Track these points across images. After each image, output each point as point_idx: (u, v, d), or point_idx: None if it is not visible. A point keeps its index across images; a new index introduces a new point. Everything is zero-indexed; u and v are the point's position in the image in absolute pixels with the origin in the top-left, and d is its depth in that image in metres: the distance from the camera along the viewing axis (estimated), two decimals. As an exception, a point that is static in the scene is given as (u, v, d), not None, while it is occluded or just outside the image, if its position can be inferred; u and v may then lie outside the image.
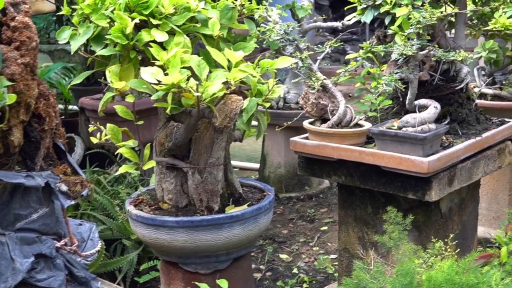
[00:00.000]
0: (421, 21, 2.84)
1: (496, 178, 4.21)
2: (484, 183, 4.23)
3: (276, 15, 4.24)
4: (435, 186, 2.91)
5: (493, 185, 4.23)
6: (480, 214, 4.23)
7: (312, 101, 3.19)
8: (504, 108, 3.97)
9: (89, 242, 2.31)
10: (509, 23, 3.76)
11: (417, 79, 3.00)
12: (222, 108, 2.62)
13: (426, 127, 2.93)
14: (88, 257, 2.22)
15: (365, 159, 3.03)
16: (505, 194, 4.18)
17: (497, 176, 4.20)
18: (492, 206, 4.24)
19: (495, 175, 4.20)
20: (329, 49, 3.32)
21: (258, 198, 2.89)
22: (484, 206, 4.26)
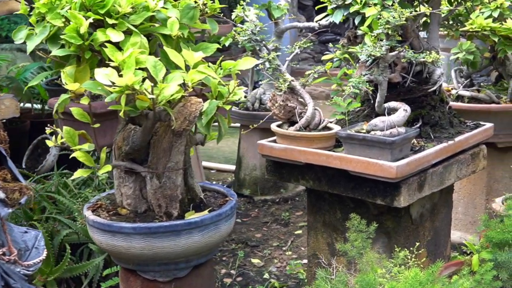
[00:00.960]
0: (390, 21, 2.75)
1: (473, 182, 4.13)
2: (461, 187, 4.16)
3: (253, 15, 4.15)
4: (404, 192, 2.83)
5: (470, 189, 4.15)
6: (456, 218, 4.17)
7: (280, 103, 3.10)
8: (481, 111, 3.89)
9: (33, 250, 2.21)
10: (486, 24, 3.68)
11: (387, 81, 2.92)
12: (181, 110, 2.52)
13: (395, 131, 2.84)
14: (30, 266, 2.11)
15: (332, 163, 2.94)
16: (482, 199, 4.10)
17: (474, 180, 4.12)
18: (469, 210, 4.15)
19: (472, 179, 4.11)
20: (298, 49, 3.23)
21: (220, 203, 2.79)
22: (461, 211, 4.18)
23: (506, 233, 2.93)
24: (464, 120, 3.40)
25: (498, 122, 3.87)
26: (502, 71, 4.07)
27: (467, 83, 4.13)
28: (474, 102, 4.00)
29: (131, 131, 2.59)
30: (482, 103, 3.97)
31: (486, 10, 3.75)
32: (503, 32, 3.68)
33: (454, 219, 4.18)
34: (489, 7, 3.74)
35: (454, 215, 4.19)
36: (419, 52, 3.23)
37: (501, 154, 4.04)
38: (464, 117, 3.85)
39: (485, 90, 4.02)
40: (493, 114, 3.88)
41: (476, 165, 3.29)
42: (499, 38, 3.72)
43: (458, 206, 4.18)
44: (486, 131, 3.34)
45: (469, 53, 3.89)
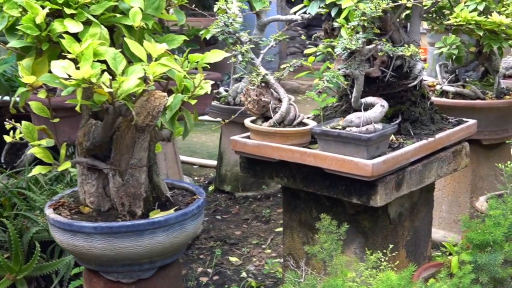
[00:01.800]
0: (366, 12, 2.63)
1: (458, 180, 4.02)
2: (445, 185, 4.05)
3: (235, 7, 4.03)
4: (380, 191, 2.71)
5: (454, 187, 4.04)
6: (440, 217, 4.06)
7: (253, 97, 2.98)
8: (465, 107, 3.78)
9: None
10: (471, 17, 3.56)
11: (363, 75, 2.80)
12: (145, 105, 2.40)
13: (372, 127, 2.72)
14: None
15: (306, 160, 2.83)
16: (467, 197, 3.99)
17: (459, 178, 4.01)
18: (453, 209, 4.04)
19: (456, 177, 4.01)
20: (273, 42, 3.11)
21: (187, 202, 2.67)
22: (445, 209, 4.07)
23: (487, 234, 2.81)
24: (447, 117, 3.29)
25: (483, 119, 3.78)
26: (488, 66, 3.96)
27: (452, 78, 4.02)
28: (458, 98, 3.89)
29: (92, 126, 2.47)
30: (467, 99, 3.86)
31: (471, 3, 3.63)
32: (489, 26, 3.57)
33: (438, 218, 4.08)
34: (475, 0, 3.63)
35: (438, 214, 4.09)
36: (399, 45, 3.12)
37: (486, 151, 3.94)
38: (448, 113, 3.74)
39: (470, 85, 3.91)
40: (477, 110, 3.77)
41: (458, 163, 3.18)
42: (484, 32, 3.61)
43: (442, 205, 4.08)
44: (469, 128, 3.23)
45: (453, 47, 3.78)
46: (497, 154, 3.95)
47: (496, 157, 3.94)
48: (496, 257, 2.78)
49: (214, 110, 4.84)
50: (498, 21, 3.54)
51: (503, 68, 6.02)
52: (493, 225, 2.82)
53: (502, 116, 3.80)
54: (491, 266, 2.76)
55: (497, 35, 3.62)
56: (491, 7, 3.64)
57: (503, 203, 3.02)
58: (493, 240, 2.80)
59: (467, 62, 4.00)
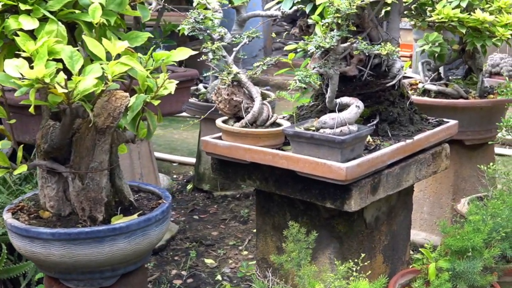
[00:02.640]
0: (340, 9, 2.51)
1: (440, 181, 3.91)
2: (426, 185, 3.95)
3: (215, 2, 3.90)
4: (355, 195, 2.60)
5: (436, 188, 3.93)
6: (422, 219, 3.96)
7: (224, 97, 2.87)
8: (447, 107, 3.67)
9: None
10: (453, 14, 3.45)
11: (338, 74, 2.68)
12: (105, 106, 2.28)
13: (346, 129, 2.61)
14: None
15: (279, 163, 2.71)
16: (449, 198, 3.89)
17: (441, 179, 3.90)
18: (434, 210, 3.94)
19: (438, 178, 3.90)
20: (247, 39, 2.99)
21: (152, 206, 2.56)
22: (426, 211, 3.97)
23: (465, 240, 2.72)
24: (427, 117, 3.18)
25: (465, 118, 3.68)
26: (472, 64, 3.85)
27: (435, 77, 3.91)
28: (441, 96, 3.78)
29: (50, 127, 2.35)
30: (450, 98, 3.75)
31: (454, 0, 3.52)
32: (472, 23, 3.45)
33: (419, 219, 3.98)
34: (457, -4, 3.51)
35: (419, 215, 3.99)
36: (378, 43, 3.01)
37: (469, 151, 3.83)
38: (430, 112, 3.63)
39: (453, 84, 3.80)
40: (460, 110, 3.67)
41: (437, 165, 3.07)
42: (467, 29, 3.50)
43: (423, 206, 3.98)
44: (449, 129, 3.12)
45: (436, 45, 3.67)
46: (480, 155, 3.84)
47: (479, 157, 3.84)
48: (475, 264, 2.69)
49: (192, 107, 4.71)
50: (481, 18, 3.43)
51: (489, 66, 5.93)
52: (472, 231, 2.73)
53: (485, 116, 3.70)
54: (470, 273, 2.67)
55: (481, 32, 3.51)
56: (474, 4, 3.52)
57: (484, 207, 2.93)
58: (472, 246, 2.71)
59: (450, 60, 3.88)
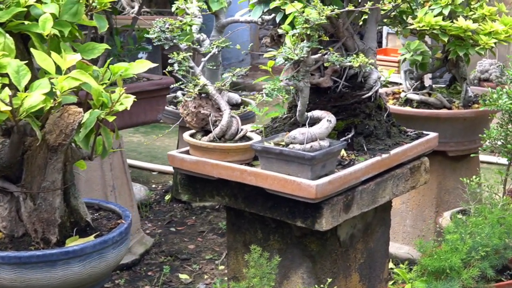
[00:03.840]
0: (310, 19, 2.38)
1: (422, 193, 3.79)
2: (409, 197, 3.83)
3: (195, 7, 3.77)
4: (326, 213, 2.48)
5: (418, 200, 3.81)
6: (404, 232, 3.84)
7: (192, 109, 2.74)
8: (429, 117, 3.54)
9: None
10: (435, 22, 3.33)
11: (309, 87, 2.55)
12: (57, 122, 2.15)
13: (317, 144, 2.48)
14: None
15: (247, 179, 2.58)
16: (432, 211, 3.76)
17: (423, 191, 3.78)
18: (417, 223, 3.81)
19: (421, 190, 3.77)
20: (216, 49, 2.86)
21: (111, 226, 2.43)
22: (409, 223, 3.84)
23: (443, 260, 2.59)
24: (406, 129, 3.05)
25: (448, 129, 3.56)
26: (455, 73, 3.72)
27: (418, 86, 3.78)
28: (423, 106, 3.65)
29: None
30: (432, 108, 3.62)
31: (436, 7, 3.40)
32: (454, 32, 3.34)
33: (402, 232, 3.86)
34: (440, 4, 3.39)
35: (402, 228, 3.87)
36: (353, 53, 2.88)
37: (453, 163, 3.71)
38: (412, 123, 3.52)
39: (436, 93, 3.67)
40: (442, 120, 3.54)
41: (416, 180, 2.94)
42: (449, 38, 3.37)
43: (406, 219, 3.85)
44: (429, 142, 2.99)
45: (417, 53, 3.54)
46: (464, 166, 3.72)
47: (463, 169, 3.71)
48: (452, 286, 2.56)
49: (169, 115, 4.58)
50: (464, 26, 3.31)
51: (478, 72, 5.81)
52: (450, 250, 2.60)
53: (468, 126, 3.57)
54: (447, 296, 2.54)
55: (464, 41, 3.39)
56: (457, 11, 3.40)
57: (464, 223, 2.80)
58: (450, 266, 2.58)
59: (433, 69, 3.76)
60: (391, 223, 3.89)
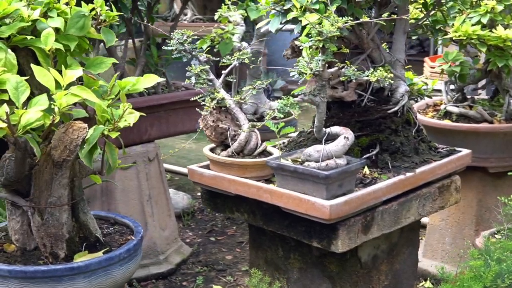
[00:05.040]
0: (323, 32, 2.30)
1: (462, 210, 3.63)
2: (449, 214, 3.68)
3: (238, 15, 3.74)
4: (342, 235, 2.39)
5: (458, 218, 3.65)
6: (443, 250, 3.70)
7: (210, 123, 2.69)
8: (468, 131, 3.38)
9: None
10: (472, 31, 3.18)
11: (325, 102, 2.46)
12: (62, 138, 2.14)
13: (333, 163, 2.39)
14: None
15: (263, 197, 2.52)
16: (471, 229, 3.60)
17: (464, 208, 3.62)
18: (457, 241, 3.65)
19: (461, 207, 3.62)
20: (237, 62, 2.80)
21: (121, 242, 2.40)
22: (448, 241, 3.69)
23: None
24: (436, 146, 2.92)
25: (489, 144, 3.40)
26: (498, 84, 3.55)
27: (459, 97, 3.63)
28: (463, 120, 3.49)
29: (6, 160, 2.22)
30: (472, 122, 3.46)
31: (475, 15, 3.25)
32: (493, 41, 3.17)
33: (441, 250, 3.72)
34: (478, 12, 3.24)
35: (441, 246, 3.73)
36: (380, 65, 2.78)
37: (494, 180, 3.53)
38: (451, 138, 3.38)
39: (477, 106, 3.51)
40: (482, 135, 3.38)
41: (445, 200, 2.81)
42: (488, 47, 3.22)
43: (445, 236, 3.70)
44: (461, 160, 2.86)
45: (455, 64, 3.39)
46: (506, 183, 3.53)
47: (505, 186, 3.53)
48: (476, 314, 2.43)
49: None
50: (503, 36, 3.15)
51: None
52: (474, 277, 2.46)
53: (509, 141, 3.40)
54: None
55: (503, 51, 3.23)
56: (497, 20, 3.24)
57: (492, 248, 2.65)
58: (474, 294, 2.45)
59: (474, 80, 3.60)
60: (431, 240, 3.79)
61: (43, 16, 2.22)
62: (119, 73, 2.50)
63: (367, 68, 2.77)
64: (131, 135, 3.81)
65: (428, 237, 3.82)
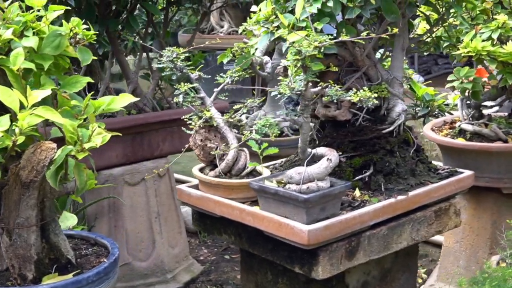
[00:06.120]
0: (301, 51, 2.22)
1: (477, 232, 3.48)
2: (463, 237, 3.54)
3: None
4: (323, 261, 2.30)
5: (472, 240, 3.50)
6: (458, 273, 3.55)
7: (198, 142, 2.64)
8: (480, 151, 3.24)
9: None
10: (482, 48, 3.05)
11: (309, 122, 2.38)
12: (30, 158, 2.11)
13: (314, 185, 2.31)
14: None
15: (245, 219, 2.45)
16: (486, 252, 3.44)
17: (478, 230, 3.47)
18: (471, 265, 3.50)
19: (475, 229, 3.47)
20: (229, 79, 2.74)
21: (94, 264, 2.36)
22: (463, 264, 3.54)
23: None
24: (437, 167, 2.80)
25: (502, 164, 3.27)
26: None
27: (475, 114, 3.48)
28: (477, 138, 3.35)
29: (-25, 180, 2.20)
30: (487, 140, 3.32)
31: (486, 31, 3.11)
32: (503, 58, 3.04)
33: (455, 274, 3.56)
34: (489, 27, 3.11)
35: (456, 269, 3.57)
36: (376, 83, 2.69)
37: (509, 200, 3.38)
38: (464, 157, 3.26)
39: (492, 124, 3.36)
40: (495, 154, 3.23)
41: (443, 224, 2.68)
42: (498, 64, 3.08)
43: (459, 259, 3.55)
44: (461, 182, 2.72)
45: (467, 81, 3.25)
46: (522, 205, 3.38)
47: (522, 207, 3.38)
48: None
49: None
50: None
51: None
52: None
53: (526, 161, 3.24)
54: None
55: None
56: (509, 35, 3.10)
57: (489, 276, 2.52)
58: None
59: (491, 97, 3.45)
60: (445, 263, 3.65)
61: (20, 35, 2.20)
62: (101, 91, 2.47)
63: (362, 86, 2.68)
64: (141, 151, 3.79)
65: (442, 260, 3.67)
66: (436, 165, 2.81)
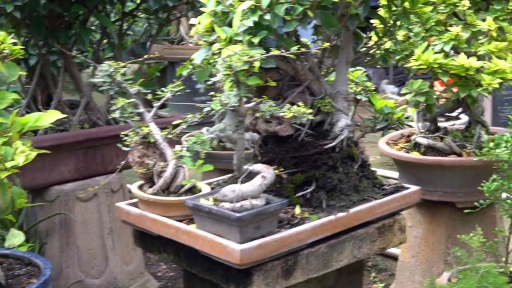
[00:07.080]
0: (232, 66, 2.17)
1: (431, 246, 3.43)
2: (418, 251, 3.49)
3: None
4: (257, 281, 2.24)
5: (427, 254, 3.45)
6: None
7: (136, 159, 2.57)
8: (433, 165, 3.19)
9: None
10: (433, 60, 3.00)
11: (244, 138, 2.33)
12: (-49, 177, 2.05)
13: (248, 204, 2.25)
14: None
15: (181, 238, 2.39)
16: (440, 267, 3.39)
17: (433, 245, 3.42)
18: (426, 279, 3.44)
19: (430, 243, 3.43)
20: (169, 94, 2.68)
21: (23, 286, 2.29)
22: (418, 279, 3.48)
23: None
24: (382, 183, 2.75)
25: (456, 178, 3.21)
26: (470, 115, 3.35)
27: (431, 128, 3.44)
28: (431, 152, 3.30)
29: None
30: (441, 154, 3.27)
31: (439, 43, 3.07)
32: (455, 70, 2.99)
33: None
34: (442, 39, 3.06)
35: (411, 284, 3.52)
36: (319, 98, 2.64)
37: (464, 215, 3.29)
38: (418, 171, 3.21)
39: (447, 138, 3.31)
40: (447, 168, 3.19)
41: (387, 241, 2.63)
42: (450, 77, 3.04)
43: (415, 274, 3.50)
44: (406, 197, 2.68)
45: (420, 94, 3.20)
46: (477, 219, 3.30)
47: (476, 221, 3.30)
48: None
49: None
50: (466, 65, 2.97)
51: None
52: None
53: (479, 175, 3.15)
54: None
55: (467, 80, 3.04)
56: (460, 47, 3.06)
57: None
58: None
59: (446, 110, 3.41)
60: (401, 278, 3.59)
61: None
62: (19, 109, 2.41)
63: (305, 100, 2.63)
64: (95, 166, 3.72)
65: (398, 275, 3.62)
66: (382, 181, 2.76)
